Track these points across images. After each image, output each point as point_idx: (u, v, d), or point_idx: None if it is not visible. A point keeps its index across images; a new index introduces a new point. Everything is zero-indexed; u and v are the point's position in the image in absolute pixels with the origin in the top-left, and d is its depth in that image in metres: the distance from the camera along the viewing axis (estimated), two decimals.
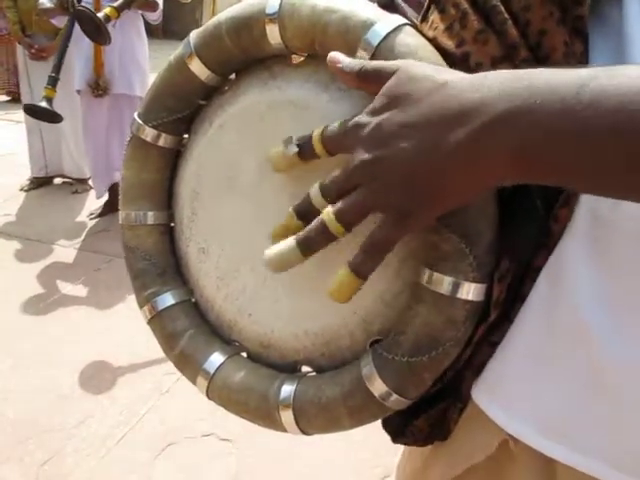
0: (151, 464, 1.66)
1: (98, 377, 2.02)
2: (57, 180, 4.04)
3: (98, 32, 2.24)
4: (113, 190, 3.49)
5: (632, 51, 0.40)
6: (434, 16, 0.46)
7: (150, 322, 0.61)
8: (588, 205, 0.41)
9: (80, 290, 2.63)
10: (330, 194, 0.41)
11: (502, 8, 0.42)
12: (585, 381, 0.42)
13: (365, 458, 1.66)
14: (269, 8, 0.49)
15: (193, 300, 0.62)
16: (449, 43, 0.45)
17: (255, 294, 0.56)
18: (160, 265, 0.62)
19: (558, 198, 0.41)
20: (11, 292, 2.56)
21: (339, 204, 0.39)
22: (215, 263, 0.59)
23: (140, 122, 0.59)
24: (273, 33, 0.50)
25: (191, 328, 0.60)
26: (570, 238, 0.42)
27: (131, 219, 0.62)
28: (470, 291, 0.43)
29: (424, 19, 0.48)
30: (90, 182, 3.80)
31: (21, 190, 3.86)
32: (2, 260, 2.87)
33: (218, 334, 0.60)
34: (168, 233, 0.64)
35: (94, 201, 3.61)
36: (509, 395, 0.46)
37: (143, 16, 3.16)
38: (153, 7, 3.04)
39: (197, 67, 0.55)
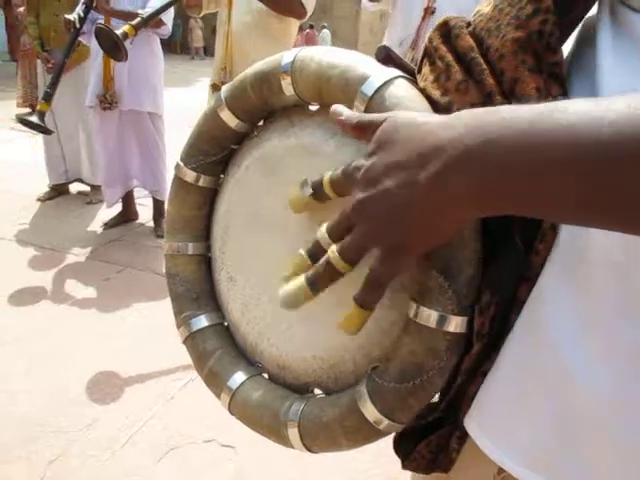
0: (154, 468, 1.70)
1: (106, 382, 2.07)
2: (72, 190, 4.14)
3: (116, 49, 2.33)
4: (127, 201, 3.58)
5: (602, 94, 0.42)
6: (425, 68, 0.51)
7: (185, 341, 0.68)
8: (566, 239, 0.43)
9: (91, 298, 2.69)
10: (333, 234, 0.44)
11: (481, 60, 0.46)
12: (565, 414, 0.43)
13: (365, 467, 1.69)
14: (283, 65, 0.56)
15: (225, 324, 0.68)
16: (436, 93, 0.48)
17: (273, 320, 0.61)
18: (196, 291, 0.69)
19: (537, 233, 0.44)
20: (25, 298, 2.63)
21: (342, 243, 0.42)
22: (241, 291, 0.65)
23: (181, 164, 0.67)
24: (287, 86, 0.57)
25: (220, 349, 0.66)
26: (550, 272, 0.44)
27: (174, 249, 0.69)
28: (450, 323, 0.46)
29: (419, 71, 0.52)
30: None
31: (38, 200, 3.95)
32: (17, 267, 2.95)
33: (244, 355, 0.66)
34: (205, 262, 0.70)
35: (107, 211, 3.69)
36: (495, 425, 0.48)
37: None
38: (159, 25, 3.13)
39: (227, 116, 0.63)
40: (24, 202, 3.89)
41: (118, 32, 2.29)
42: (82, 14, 2.91)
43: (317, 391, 0.60)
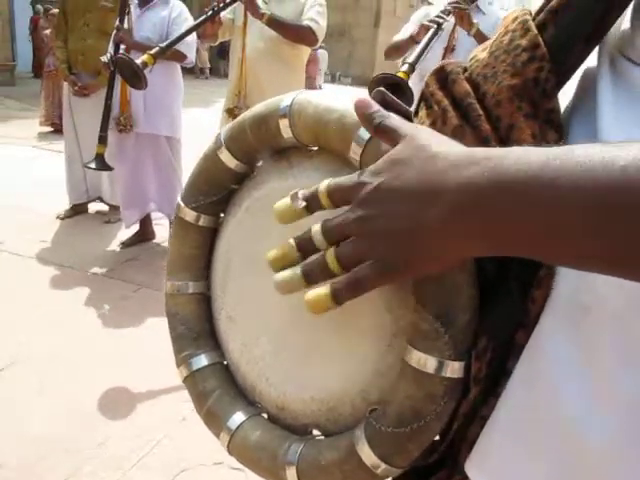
0: None
1: (119, 400, 2.10)
2: (91, 209, 4.22)
3: (136, 77, 2.40)
4: (144, 221, 3.64)
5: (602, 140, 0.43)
6: (422, 112, 0.52)
7: (184, 380, 0.67)
8: (565, 287, 0.43)
9: (108, 316, 2.73)
10: (330, 237, 0.44)
11: (477, 105, 0.47)
12: (566, 461, 0.43)
13: None
14: (281, 108, 0.56)
15: (224, 362, 0.67)
16: None
17: (272, 361, 0.61)
18: (195, 330, 0.68)
19: (533, 280, 0.44)
20: (43, 315, 2.68)
21: (339, 249, 0.43)
22: (241, 331, 0.65)
23: (182, 204, 0.66)
24: (285, 128, 0.57)
25: (219, 388, 0.65)
26: (548, 319, 0.44)
27: (174, 289, 0.68)
28: (447, 369, 0.46)
29: (416, 113, 0.53)
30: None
31: (57, 218, 4.03)
32: (36, 284, 3.00)
33: (243, 394, 0.65)
34: (205, 301, 0.69)
35: (124, 231, 3.76)
36: (495, 470, 0.47)
37: None
38: (181, 59, 3.22)
39: (226, 157, 0.62)
40: (44, 220, 3.97)
41: (138, 61, 2.36)
42: (114, 52, 3.02)
43: (316, 432, 0.59)
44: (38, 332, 2.53)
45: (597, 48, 0.49)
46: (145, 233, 3.68)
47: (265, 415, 0.63)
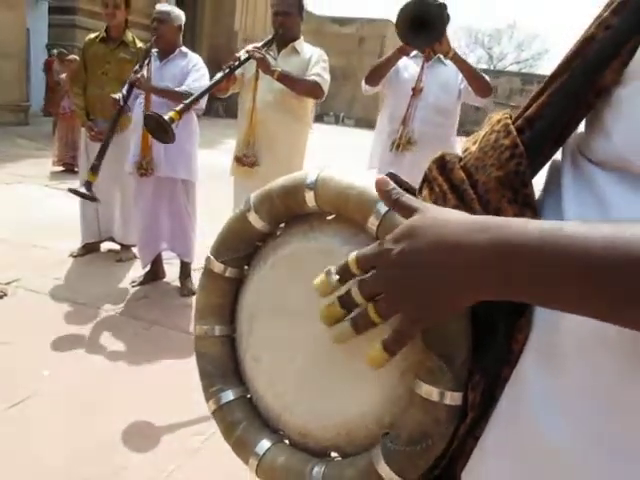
0: None
1: (133, 434, 2.19)
2: (104, 248, 4.36)
3: (164, 132, 2.59)
4: (155, 261, 3.78)
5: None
6: (425, 192, 0.63)
7: (213, 413, 0.75)
8: (541, 330, 0.52)
9: (121, 352, 2.84)
10: (364, 294, 0.54)
11: (471, 191, 0.57)
12: (540, 472, 0.50)
13: None
14: (308, 182, 0.65)
15: (248, 396, 0.75)
16: None
17: (295, 395, 0.69)
18: (222, 368, 0.76)
19: (516, 325, 0.53)
20: (58, 350, 2.79)
21: (378, 304, 0.52)
22: (266, 369, 0.72)
23: (212, 258, 0.75)
24: (310, 199, 0.65)
25: (245, 419, 0.72)
26: (528, 357, 0.52)
27: (202, 332, 0.77)
28: (449, 398, 0.55)
29: (420, 191, 0.64)
30: (134, 250, 4.12)
31: (70, 256, 4.17)
32: (51, 320, 3.12)
33: (267, 424, 0.72)
34: (230, 342, 0.78)
35: (136, 270, 3.90)
36: (485, 472, 0.56)
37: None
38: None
39: (254, 219, 0.71)
40: (58, 257, 4.11)
41: (165, 117, 2.55)
42: (126, 93, 3.22)
43: (334, 454, 0.67)
44: (54, 367, 2.64)
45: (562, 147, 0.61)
46: (156, 272, 3.82)
47: (287, 441, 0.70)
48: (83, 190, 3.03)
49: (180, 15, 3.58)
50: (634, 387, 0.47)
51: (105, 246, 4.39)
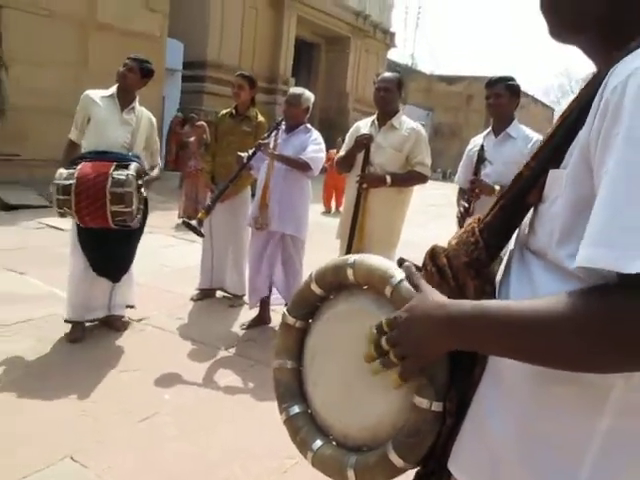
0: None
1: (236, 452, 2.56)
2: (219, 294, 4.92)
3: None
4: (263, 307, 4.25)
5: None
6: (423, 272, 0.90)
7: (284, 422, 1.05)
8: (491, 364, 0.81)
9: (229, 385, 3.27)
10: (389, 344, 0.83)
11: (449, 271, 0.85)
12: (495, 459, 0.80)
13: None
14: (349, 262, 0.96)
15: (309, 411, 1.04)
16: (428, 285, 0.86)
17: (340, 409, 0.97)
18: (291, 391, 1.05)
19: (477, 360, 0.82)
20: (179, 378, 3.28)
21: (395, 350, 0.82)
22: (321, 391, 1.01)
23: (287, 314, 1.07)
24: (350, 275, 0.95)
25: (305, 426, 1.01)
26: (484, 382, 0.82)
27: (278, 365, 1.08)
28: (434, 406, 0.83)
29: (422, 269, 0.95)
30: (245, 298, 4.62)
31: (191, 299, 4.75)
32: (174, 354, 3.63)
33: (320, 430, 1.01)
34: (297, 372, 1.07)
35: (245, 314, 4.40)
36: (461, 463, 0.84)
37: None
38: (307, 169, 3.89)
39: (315, 287, 1.02)
40: (181, 300, 4.70)
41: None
42: (251, 154, 3.78)
43: (364, 449, 0.93)
44: (174, 392, 3.11)
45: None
46: (263, 318, 4.27)
47: (334, 443, 0.99)
48: (194, 223, 3.57)
49: (309, 98, 4.06)
50: (544, 396, 0.76)
51: (220, 292, 4.94)
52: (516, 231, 0.89)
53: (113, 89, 3.72)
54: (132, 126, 3.69)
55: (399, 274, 0.90)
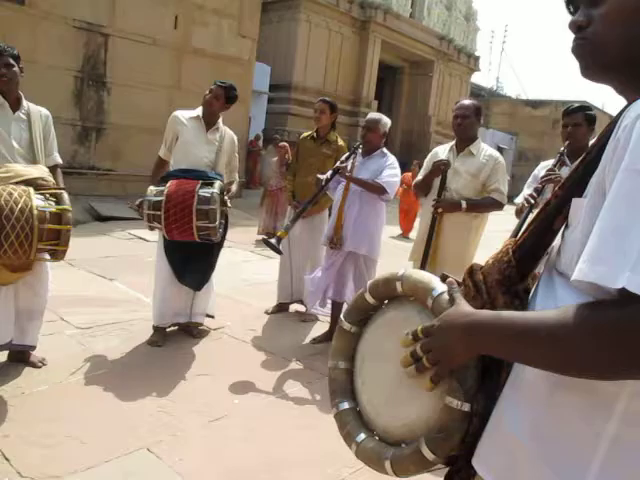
0: None
1: (298, 456, 2.69)
2: (292, 309, 5.10)
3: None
4: (333, 322, 4.37)
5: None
6: (462, 288, 0.99)
7: (335, 416, 1.16)
8: (515, 370, 0.88)
9: (295, 396, 3.42)
10: (423, 350, 0.92)
11: (483, 286, 0.94)
12: (514, 456, 0.85)
13: None
14: (398, 276, 1.05)
15: (358, 409, 1.14)
16: (465, 299, 0.94)
17: (383, 406, 1.07)
18: (342, 388, 1.16)
19: (503, 367, 0.91)
20: (250, 385, 3.45)
21: (428, 356, 0.91)
22: (368, 390, 1.11)
23: (343, 320, 1.18)
24: (399, 287, 1.05)
25: (352, 421, 1.11)
26: (508, 385, 0.89)
27: (333, 365, 1.18)
28: (463, 406, 0.90)
29: (461, 283, 1.05)
30: (318, 315, 4.77)
31: (266, 312, 4.95)
32: (247, 362, 3.82)
33: (365, 425, 1.11)
34: (349, 373, 1.17)
35: (316, 330, 4.55)
36: (483, 460, 0.90)
37: None
38: (382, 193, 4.00)
39: (369, 297, 1.13)
40: (256, 313, 4.92)
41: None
42: (329, 176, 3.93)
43: (402, 445, 1.02)
44: (243, 398, 3.29)
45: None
46: (333, 333, 4.36)
47: (377, 437, 1.08)
48: (274, 242, 3.69)
49: (387, 123, 4.20)
50: (555, 400, 0.82)
51: (293, 307, 5.13)
52: (546, 253, 0.97)
53: (199, 110, 4.00)
54: (216, 145, 3.97)
55: (440, 287, 0.99)
